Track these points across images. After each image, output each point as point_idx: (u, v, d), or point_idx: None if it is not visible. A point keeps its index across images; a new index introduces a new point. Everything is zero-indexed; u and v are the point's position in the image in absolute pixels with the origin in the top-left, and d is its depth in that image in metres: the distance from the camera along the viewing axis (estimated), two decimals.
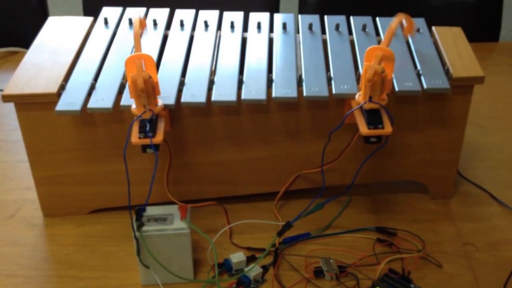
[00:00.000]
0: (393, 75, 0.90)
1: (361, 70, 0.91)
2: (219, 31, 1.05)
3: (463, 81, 0.92)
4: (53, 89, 0.88)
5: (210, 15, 1.08)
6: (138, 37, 0.87)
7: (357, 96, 0.88)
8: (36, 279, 0.88)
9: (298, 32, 1.05)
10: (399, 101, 0.92)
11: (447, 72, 0.93)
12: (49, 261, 0.92)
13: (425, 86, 0.90)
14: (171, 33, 1.04)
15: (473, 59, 0.96)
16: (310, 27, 1.05)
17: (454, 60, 0.95)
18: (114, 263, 0.91)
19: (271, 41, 1.02)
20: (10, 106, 0.91)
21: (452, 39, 1.01)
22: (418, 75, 0.92)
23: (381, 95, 0.85)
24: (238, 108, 0.92)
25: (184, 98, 0.88)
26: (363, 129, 0.84)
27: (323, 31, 1.05)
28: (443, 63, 0.95)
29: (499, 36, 1.66)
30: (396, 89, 0.89)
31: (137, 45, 0.86)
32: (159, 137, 0.83)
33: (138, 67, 0.80)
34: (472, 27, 1.56)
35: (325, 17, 1.07)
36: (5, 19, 1.60)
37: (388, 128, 0.84)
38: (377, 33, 1.04)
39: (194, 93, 0.89)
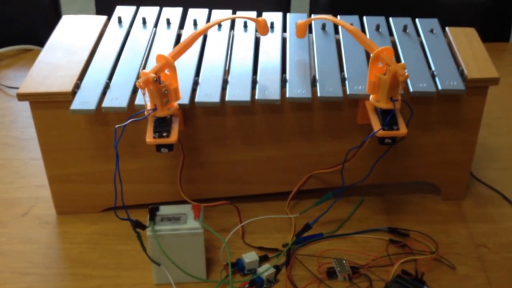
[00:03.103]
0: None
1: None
2: (232, 31, 1.05)
3: (477, 82, 0.92)
4: (68, 88, 0.89)
5: (223, 15, 1.08)
6: (191, 41, 0.87)
7: (371, 96, 0.88)
8: (50, 277, 0.89)
9: (311, 32, 1.05)
10: (413, 101, 0.92)
11: (461, 73, 0.93)
12: (62, 259, 0.92)
13: (440, 87, 0.90)
14: (184, 32, 1.04)
15: (487, 60, 0.95)
16: (323, 27, 1.05)
17: (468, 61, 0.95)
18: (127, 261, 0.91)
19: (284, 41, 1.02)
20: (23, 104, 0.91)
21: (466, 40, 1.01)
22: (433, 76, 0.92)
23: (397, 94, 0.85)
24: (252, 108, 0.92)
25: (198, 98, 0.88)
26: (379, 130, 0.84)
27: (336, 31, 1.05)
28: (458, 64, 0.95)
29: (509, 36, 1.66)
30: (411, 90, 0.89)
31: (182, 46, 0.86)
32: (173, 137, 0.83)
33: (154, 67, 0.81)
34: (482, 27, 1.56)
35: (338, 17, 1.07)
36: (17, 17, 1.60)
37: (403, 130, 0.83)
38: (391, 34, 1.04)
39: (208, 93, 0.89)
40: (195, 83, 0.91)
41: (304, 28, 1.00)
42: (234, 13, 1.09)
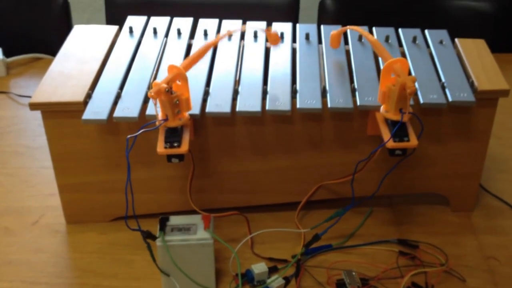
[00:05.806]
0: (417, 86, 0.91)
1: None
2: (242, 41, 1.06)
3: (488, 94, 0.92)
4: (80, 97, 0.89)
5: (233, 25, 1.09)
6: (203, 52, 0.88)
7: (381, 108, 0.88)
8: (59, 287, 0.89)
9: (320, 43, 1.05)
10: (422, 113, 0.92)
11: (471, 85, 0.93)
12: (72, 269, 0.92)
13: (450, 99, 0.90)
14: (195, 42, 1.05)
15: (497, 72, 0.95)
16: None
17: (478, 73, 0.95)
18: (137, 271, 0.91)
19: (294, 52, 1.03)
20: (34, 113, 0.92)
21: (476, 51, 1.01)
22: (443, 88, 0.92)
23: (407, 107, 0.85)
24: (262, 118, 0.92)
25: (209, 108, 0.89)
26: (389, 142, 0.84)
27: (346, 42, 1.05)
28: (468, 76, 0.95)
29: None
30: (421, 101, 0.89)
31: (193, 57, 0.87)
32: (184, 147, 0.83)
33: (166, 78, 0.81)
34: (492, 38, 1.56)
35: (348, 27, 1.07)
36: (28, 26, 1.61)
37: (414, 141, 0.83)
38: (400, 44, 1.04)
39: (219, 103, 0.89)
40: (206, 94, 0.91)
41: (338, 38, 1.01)
42: (244, 23, 1.10)
